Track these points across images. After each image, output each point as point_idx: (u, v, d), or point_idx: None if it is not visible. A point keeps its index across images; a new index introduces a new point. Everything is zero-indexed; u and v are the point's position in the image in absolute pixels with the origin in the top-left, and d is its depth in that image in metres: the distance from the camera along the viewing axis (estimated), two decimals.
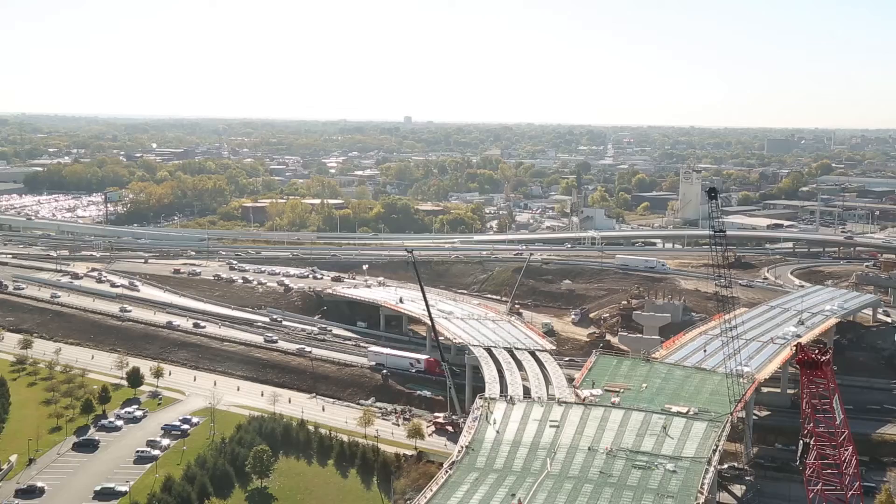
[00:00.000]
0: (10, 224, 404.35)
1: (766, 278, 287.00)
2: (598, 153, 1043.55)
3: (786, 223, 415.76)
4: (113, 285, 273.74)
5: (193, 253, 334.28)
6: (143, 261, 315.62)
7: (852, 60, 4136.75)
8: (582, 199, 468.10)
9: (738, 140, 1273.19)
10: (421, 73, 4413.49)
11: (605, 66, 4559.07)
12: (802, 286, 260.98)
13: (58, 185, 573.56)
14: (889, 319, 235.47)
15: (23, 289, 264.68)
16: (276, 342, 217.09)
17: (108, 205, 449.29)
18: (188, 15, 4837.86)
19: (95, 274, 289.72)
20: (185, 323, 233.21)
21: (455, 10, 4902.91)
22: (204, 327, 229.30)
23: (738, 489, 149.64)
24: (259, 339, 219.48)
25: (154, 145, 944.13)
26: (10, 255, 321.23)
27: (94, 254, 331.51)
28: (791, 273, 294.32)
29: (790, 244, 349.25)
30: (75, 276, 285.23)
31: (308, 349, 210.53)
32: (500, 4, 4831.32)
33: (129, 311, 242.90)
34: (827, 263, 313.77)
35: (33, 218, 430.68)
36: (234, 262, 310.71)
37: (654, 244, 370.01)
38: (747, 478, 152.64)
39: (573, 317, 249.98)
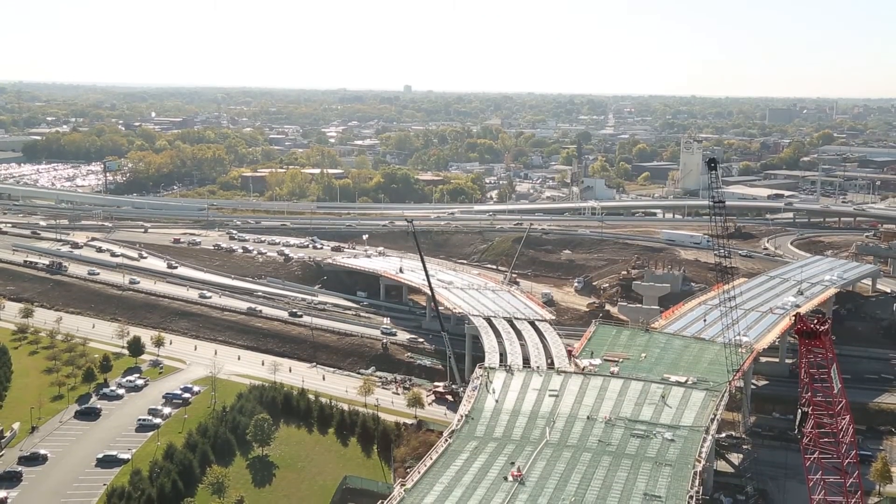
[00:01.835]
0: (9, 193, 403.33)
1: (765, 248, 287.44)
2: (599, 123, 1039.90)
3: (786, 193, 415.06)
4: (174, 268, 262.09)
5: (239, 223, 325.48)
6: (142, 230, 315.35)
7: (853, 29, 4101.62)
8: (582, 169, 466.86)
9: (740, 109, 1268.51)
10: (421, 41, 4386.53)
11: (605, 34, 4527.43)
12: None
13: (56, 154, 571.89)
14: (888, 289, 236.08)
15: (97, 274, 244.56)
16: (394, 335, 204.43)
17: (108, 174, 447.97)
18: None
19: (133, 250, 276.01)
20: (280, 312, 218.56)
21: None
22: (301, 316, 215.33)
23: (736, 457, 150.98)
24: (375, 332, 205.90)
25: (153, 114, 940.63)
26: (10, 224, 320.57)
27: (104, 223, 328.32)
28: (791, 243, 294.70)
29: (790, 214, 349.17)
30: (75, 245, 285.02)
31: (418, 339, 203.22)
32: None
33: (209, 296, 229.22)
34: (827, 233, 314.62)
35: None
36: (234, 231, 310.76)
37: (655, 214, 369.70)
38: (745, 446, 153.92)
39: (576, 284, 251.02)
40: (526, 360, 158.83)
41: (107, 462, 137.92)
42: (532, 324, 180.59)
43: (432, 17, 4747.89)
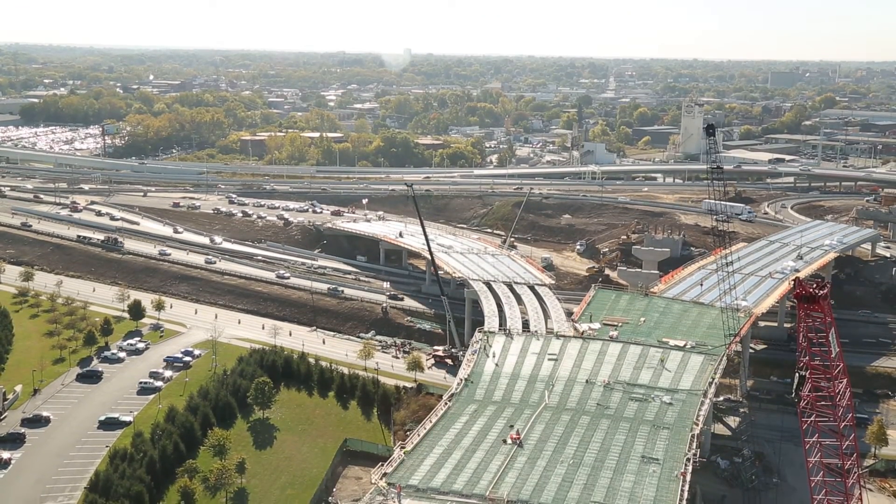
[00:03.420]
0: (7, 156, 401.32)
1: (766, 213, 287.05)
2: (600, 86, 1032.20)
3: (787, 157, 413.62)
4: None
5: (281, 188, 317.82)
6: (142, 194, 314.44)
7: None
8: (583, 133, 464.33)
9: (742, 73, 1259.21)
10: (421, 4, 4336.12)
11: None
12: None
13: (54, 117, 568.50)
14: (888, 254, 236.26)
15: (168, 254, 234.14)
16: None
17: (106, 137, 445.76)
18: None
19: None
20: (370, 294, 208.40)
21: None
22: (402, 299, 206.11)
23: (733, 421, 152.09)
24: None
25: (151, 77, 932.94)
26: (9, 188, 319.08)
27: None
28: (791, 208, 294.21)
29: (791, 179, 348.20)
30: (74, 208, 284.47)
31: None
32: None
33: (288, 277, 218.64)
34: (827, 198, 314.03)
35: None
36: (234, 195, 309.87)
37: (655, 179, 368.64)
38: (742, 410, 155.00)
39: (578, 248, 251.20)
40: (525, 325, 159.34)
41: (109, 424, 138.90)
42: (531, 288, 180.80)
43: None
